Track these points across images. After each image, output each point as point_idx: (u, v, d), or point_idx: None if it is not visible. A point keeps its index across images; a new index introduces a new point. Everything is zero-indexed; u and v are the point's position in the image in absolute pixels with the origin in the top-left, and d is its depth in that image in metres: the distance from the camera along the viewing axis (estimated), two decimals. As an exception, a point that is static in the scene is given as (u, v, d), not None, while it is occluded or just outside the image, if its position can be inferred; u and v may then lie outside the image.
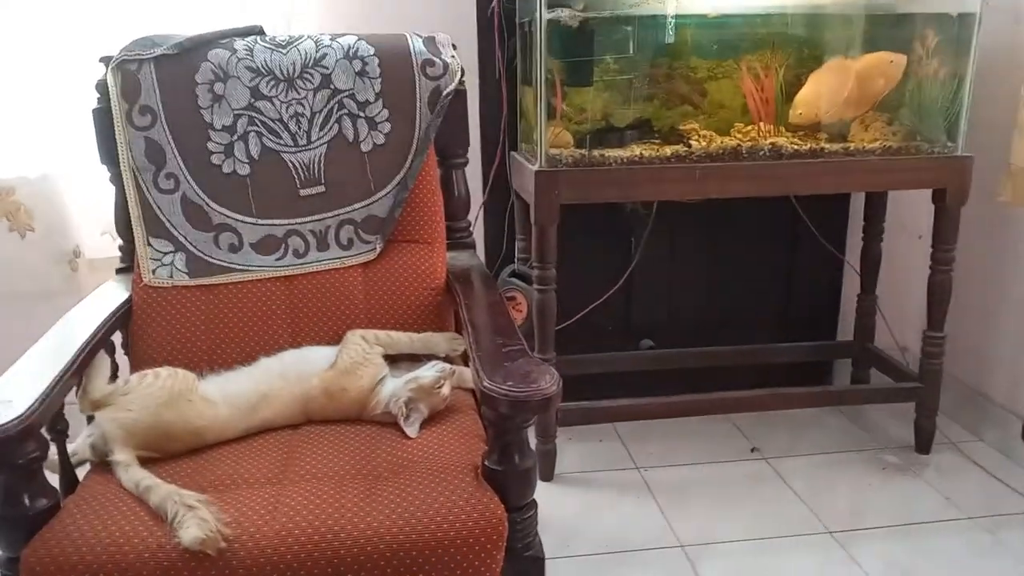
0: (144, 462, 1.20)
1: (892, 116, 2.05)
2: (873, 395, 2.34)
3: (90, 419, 1.28)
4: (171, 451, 1.25)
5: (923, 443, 2.20)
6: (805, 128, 2.02)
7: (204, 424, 1.27)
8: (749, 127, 2.01)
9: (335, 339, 1.47)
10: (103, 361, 1.32)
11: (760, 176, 1.93)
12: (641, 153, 1.93)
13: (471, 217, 1.75)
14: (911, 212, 2.49)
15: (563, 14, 1.86)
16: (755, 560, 1.77)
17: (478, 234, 2.23)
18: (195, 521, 1.02)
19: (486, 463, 1.15)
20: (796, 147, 1.96)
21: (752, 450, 2.24)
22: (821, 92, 1.98)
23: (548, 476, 2.07)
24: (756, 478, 2.10)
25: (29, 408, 1.03)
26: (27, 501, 1.06)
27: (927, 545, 1.81)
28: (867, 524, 1.89)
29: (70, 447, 1.28)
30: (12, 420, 1.00)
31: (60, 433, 1.24)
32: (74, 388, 1.22)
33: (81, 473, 1.27)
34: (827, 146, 1.98)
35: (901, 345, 2.50)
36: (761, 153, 1.94)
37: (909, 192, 2.34)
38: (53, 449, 1.22)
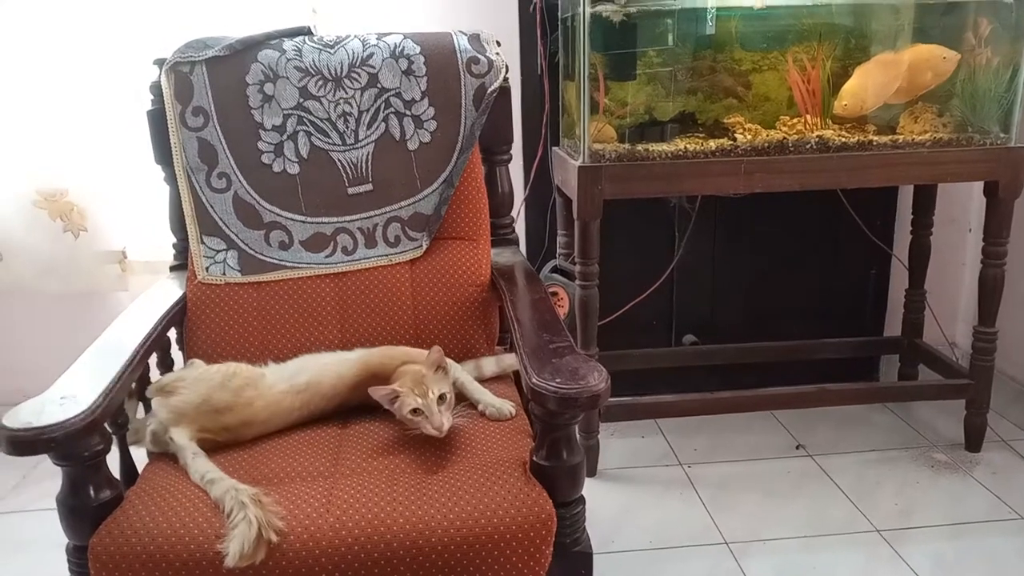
0: (206, 449, 1.24)
1: (943, 107, 2.01)
2: (922, 391, 2.31)
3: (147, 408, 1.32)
4: (224, 425, 1.28)
5: (973, 441, 2.16)
6: (852, 120, 1.99)
7: (254, 394, 1.30)
8: (795, 120, 1.99)
9: (383, 334, 1.49)
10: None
11: (807, 170, 1.91)
12: (685, 147, 1.91)
13: (512, 213, 1.76)
14: (961, 205, 2.44)
15: (607, 8, 1.85)
16: (801, 557, 1.76)
17: (519, 229, 2.24)
18: (239, 531, 1.04)
19: (534, 459, 1.16)
20: (844, 140, 1.93)
21: (797, 447, 2.22)
22: (868, 85, 1.95)
23: (591, 472, 2.07)
24: (802, 475, 2.08)
25: (93, 403, 1.07)
26: (92, 492, 1.09)
27: (977, 545, 1.78)
28: (915, 523, 1.87)
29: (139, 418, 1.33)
30: (78, 415, 1.03)
31: (121, 427, 1.28)
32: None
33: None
34: (875, 138, 1.94)
35: (950, 341, 2.46)
36: (808, 146, 1.92)
37: (959, 184, 2.30)
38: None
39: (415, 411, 1.25)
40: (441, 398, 1.27)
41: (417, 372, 1.30)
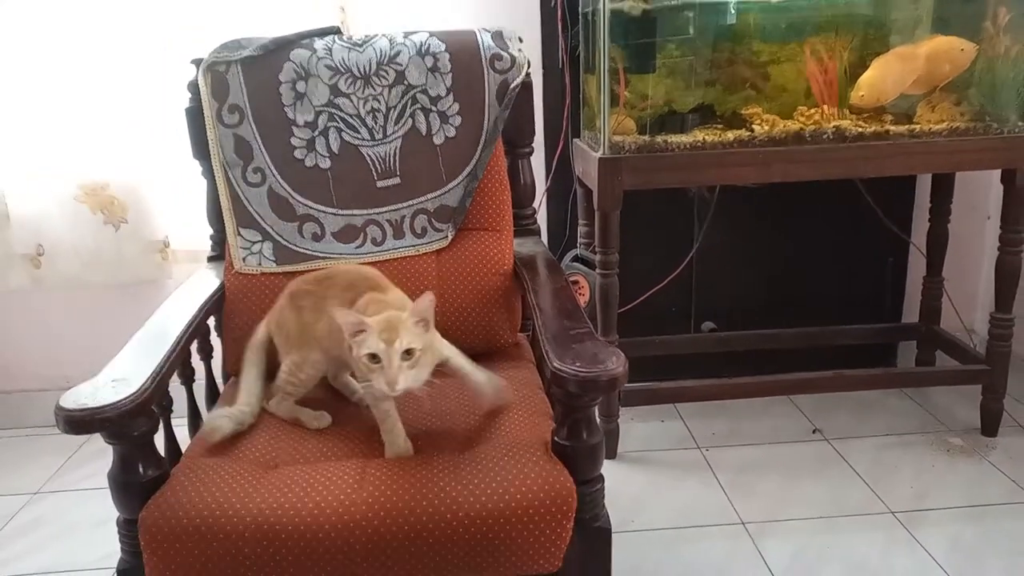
0: None
1: (960, 96, 2.03)
2: (939, 377, 2.34)
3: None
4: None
5: (990, 426, 2.19)
6: (869, 110, 2.02)
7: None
8: (813, 110, 2.01)
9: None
10: None
11: (824, 159, 1.94)
12: (704, 138, 1.95)
13: (534, 204, 1.81)
14: (979, 192, 2.45)
15: (627, 3, 1.89)
16: (818, 539, 1.80)
17: (541, 220, 2.28)
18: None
19: (555, 439, 1.21)
20: (860, 130, 1.96)
21: (814, 431, 2.26)
22: (885, 76, 1.97)
23: (611, 454, 2.13)
24: (818, 459, 2.12)
25: (142, 386, 1.14)
26: (141, 469, 1.17)
27: (993, 528, 1.82)
28: (931, 506, 1.90)
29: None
30: (129, 396, 1.11)
31: (165, 409, 1.36)
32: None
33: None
34: (892, 128, 1.97)
35: (968, 328, 2.48)
36: (825, 136, 1.95)
37: (977, 171, 2.31)
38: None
39: (372, 356, 1.14)
40: (408, 353, 1.14)
41: (395, 316, 1.18)
